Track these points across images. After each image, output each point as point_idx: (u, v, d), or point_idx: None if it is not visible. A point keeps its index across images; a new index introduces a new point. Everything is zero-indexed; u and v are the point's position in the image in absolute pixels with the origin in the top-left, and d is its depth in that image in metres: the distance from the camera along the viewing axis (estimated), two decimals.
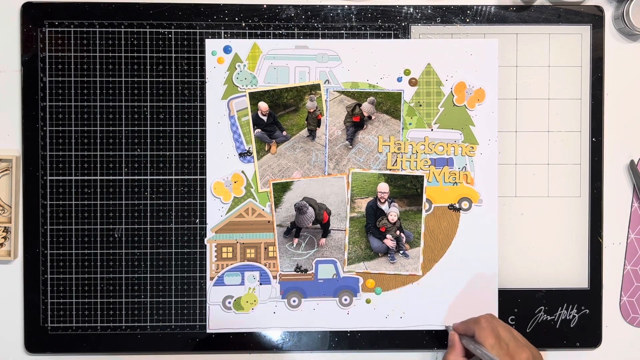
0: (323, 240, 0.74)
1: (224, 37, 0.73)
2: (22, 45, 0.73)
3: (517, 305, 0.74)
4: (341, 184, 0.74)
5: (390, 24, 0.74)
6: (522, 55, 0.74)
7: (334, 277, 0.74)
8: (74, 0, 0.73)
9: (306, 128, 0.74)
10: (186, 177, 0.73)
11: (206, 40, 0.73)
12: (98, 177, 0.73)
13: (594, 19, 0.74)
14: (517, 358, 0.63)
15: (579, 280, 0.75)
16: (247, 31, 0.73)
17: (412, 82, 0.74)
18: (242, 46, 0.73)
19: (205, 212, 0.73)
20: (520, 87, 0.74)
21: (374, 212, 0.74)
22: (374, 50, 0.73)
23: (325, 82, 0.73)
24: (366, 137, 0.74)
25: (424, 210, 0.74)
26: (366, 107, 0.74)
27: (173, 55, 0.73)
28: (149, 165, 0.73)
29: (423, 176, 0.74)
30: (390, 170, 0.74)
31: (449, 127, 0.74)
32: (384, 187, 0.74)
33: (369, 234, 0.74)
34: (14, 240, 0.73)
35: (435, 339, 0.74)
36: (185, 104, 0.73)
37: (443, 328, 0.74)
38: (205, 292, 0.73)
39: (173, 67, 0.73)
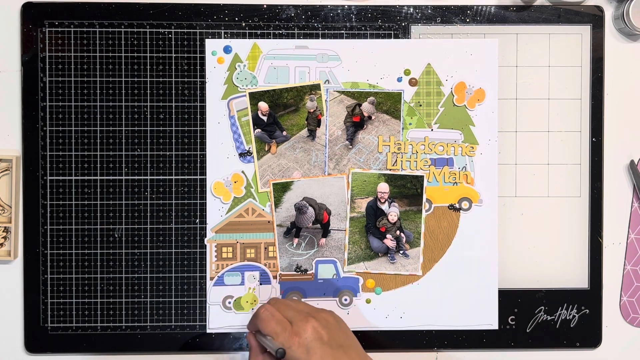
0: (323, 240, 0.74)
1: (224, 37, 0.73)
2: (22, 45, 0.73)
3: (517, 305, 0.74)
4: (341, 184, 0.74)
5: (390, 24, 0.74)
6: (522, 55, 0.74)
7: (334, 277, 0.74)
8: (74, 0, 0.73)
9: (306, 128, 0.74)
10: (186, 177, 0.73)
11: (206, 40, 0.73)
12: (98, 177, 0.73)
13: (594, 19, 0.74)
14: (302, 333, 0.60)
15: (579, 280, 0.75)
16: (247, 31, 0.73)
17: (412, 82, 0.74)
18: (242, 46, 0.73)
19: (205, 212, 0.73)
20: (520, 87, 0.74)
21: (374, 212, 0.74)
22: (374, 50, 0.73)
23: (325, 82, 0.73)
24: (366, 137, 0.74)
25: (424, 210, 0.74)
26: (366, 107, 0.74)
27: (173, 55, 0.73)
28: (149, 165, 0.73)
29: (423, 176, 0.74)
30: (390, 170, 0.74)
31: (449, 127, 0.74)
32: (384, 187, 0.74)
33: (369, 234, 0.74)
34: (14, 240, 0.73)
35: (435, 339, 0.74)
36: (185, 104, 0.73)
37: (438, 328, 0.74)
38: (205, 292, 0.73)
39: (173, 67, 0.73)
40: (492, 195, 0.74)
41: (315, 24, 0.73)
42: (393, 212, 0.73)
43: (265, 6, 0.73)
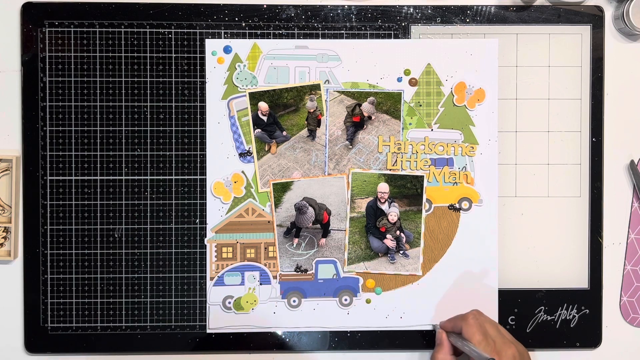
0: (323, 240, 0.74)
1: (224, 37, 0.73)
2: (22, 45, 0.73)
3: (517, 305, 0.74)
4: (341, 184, 0.74)
5: (390, 24, 0.74)
6: (522, 55, 0.74)
7: (334, 277, 0.74)
8: (74, 0, 0.73)
9: (306, 128, 0.74)
10: (186, 177, 0.73)
11: (206, 40, 0.73)
12: (98, 177, 0.73)
13: (594, 19, 0.74)
14: (503, 354, 0.63)
15: (579, 280, 0.75)
16: (247, 31, 0.73)
17: (412, 82, 0.74)
18: (242, 46, 0.73)
19: (205, 212, 0.73)
20: (520, 87, 0.74)
21: (374, 212, 0.74)
22: (374, 50, 0.73)
23: (325, 82, 0.73)
24: (366, 137, 0.74)
25: (424, 210, 0.74)
26: (366, 107, 0.74)
27: (173, 55, 0.73)
28: (149, 165, 0.73)
29: (423, 176, 0.74)
30: (390, 170, 0.74)
31: (449, 127, 0.74)
32: (384, 187, 0.74)
33: (369, 234, 0.74)
34: (14, 240, 0.73)
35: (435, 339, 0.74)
36: (185, 104, 0.73)
37: (431, 328, 0.74)
38: (205, 292, 0.73)
39: (173, 67, 0.73)
40: (492, 195, 0.74)
41: (315, 24, 0.73)
42: (393, 212, 0.73)
43: (265, 6, 0.73)
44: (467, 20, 0.74)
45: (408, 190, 0.74)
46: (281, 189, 0.73)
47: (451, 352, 0.68)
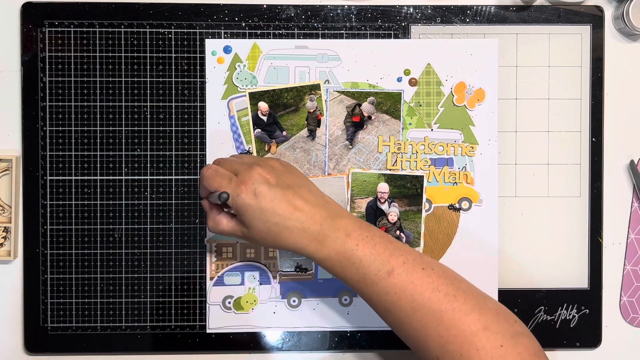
0: None
1: (224, 37, 0.73)
2: (22, 45, 0.73)
3: (517, 305, 0.74)
4: (341, 184, 0.74)
5: (390, 24, 0.74)
6: (522, 55, 0.74)
7: (334, 277, 0.74)
8: (74, 0, 0.73)
9: (306, 128, 0.74)
10: (186, 177, 0.73)
11: (206, 40, 0.73)
12: (98, 177, 0.73)
13: (594, 19, 0.74)
14: (248, 180, 0.59)
15: (579, 280, 0.75)
16: (247, 31, 0.73)
17: (412, 82, 0.74)
18: (242, 46, 0.73)
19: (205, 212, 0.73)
20: (520, 87, 0.74)
21: (374, 212, 0.74)
22: (374, 50, 0.73)
23: (325, 82, 0.73)
24: (366, 137, 0.74)
25: (424, 210, 0.74)
26: (366, 107, 0.74)
27: (173, 55, 0.73)
28: (149, 165, 0.73)
29: (423, 176, 0.74)
30: (390, 170, 0.74)
31: (449, 127, 0.74)
32: (384, 187, 0.74)
33: None
34: (14, 240, 0.73)
35: None
36: (185, 104, 0.73)
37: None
38: (205, 292, 0.73)
39: (173, 67, 0.73)
40: (492, 195, 0.74)
41: (315, 24, 0.73)
42: (393, 212, 0.73)
43: (265, 6, 0.73)
44: (467, 20, 0.74)
45: (408, 190, 0.74)
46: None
47: (219, 212, 0.63)
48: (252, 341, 0.73)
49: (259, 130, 0.73)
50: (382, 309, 0.60)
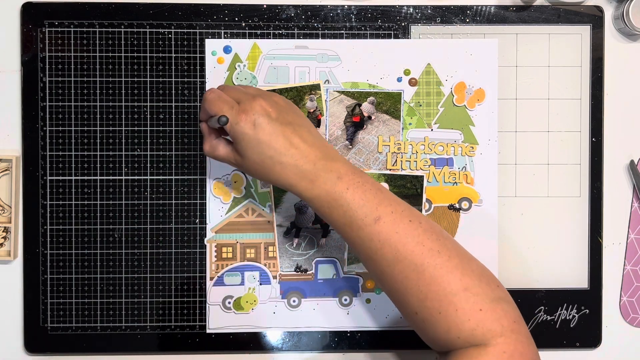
0: (323, 240, 0.74)
1: (224, 37, 0.73)
2: (22, 45, 0.73)
3: (517, 305, 0.74)
4: None
5: (390, 24, 0.74)
6: (522, 55, 0.74)
7: (334, 277, 0.74)
8: (74, 0, 0.73)
9: None
10: (186, 177, 0.73)
11: (206, 40, 0.73)
12: (98, 177, 0.73)
13: (594, 19, 0.74)
14: (250, 110, 0.60)
15: (579, 280, 0.75)
16: (247, 31, 0.73)
17: (412, 82, 0.74)
18: (242, 46, 0.73)
19: (205, 212, 0.73)
20: (520, 87, 0.74)
21: None
22: (374, 50, 0.73)
23: (325, 82, 0.74)
24: (366, 137, 0.74)
25: (424, 210, 0.74)
26: (366, 107, 0.74)
27: (173, 55, 0.73)
28: (149, 165, 0.73)
29: (423, 176, 0.74)
30: (390, 170, 0.74)
31: (449, 127, 0.74)
32: None
33: None
34: (14, 240, 0.73)
35: None
36: (185, 104, 0.73)
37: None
38: (205, 292, 0.73)
39: (173, 67, 0.73)
40: (492, 195, 0.74)
41: (315, 24, 0.73)
42: None
43: (265, 6, 0.73)
44: (467, 20, 0.74)
45: (408, 190, 0.74)
46: (281, 189, 0.73)
47: (217, 137, 0.64)
48: (252, 341, 0.73)
49: None
50: (365, 256, 0.60)
